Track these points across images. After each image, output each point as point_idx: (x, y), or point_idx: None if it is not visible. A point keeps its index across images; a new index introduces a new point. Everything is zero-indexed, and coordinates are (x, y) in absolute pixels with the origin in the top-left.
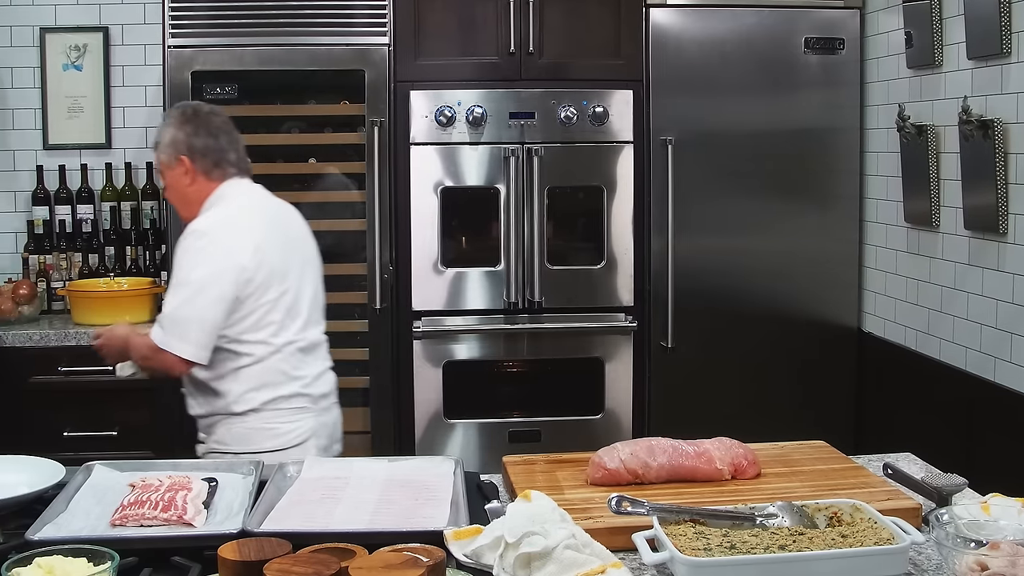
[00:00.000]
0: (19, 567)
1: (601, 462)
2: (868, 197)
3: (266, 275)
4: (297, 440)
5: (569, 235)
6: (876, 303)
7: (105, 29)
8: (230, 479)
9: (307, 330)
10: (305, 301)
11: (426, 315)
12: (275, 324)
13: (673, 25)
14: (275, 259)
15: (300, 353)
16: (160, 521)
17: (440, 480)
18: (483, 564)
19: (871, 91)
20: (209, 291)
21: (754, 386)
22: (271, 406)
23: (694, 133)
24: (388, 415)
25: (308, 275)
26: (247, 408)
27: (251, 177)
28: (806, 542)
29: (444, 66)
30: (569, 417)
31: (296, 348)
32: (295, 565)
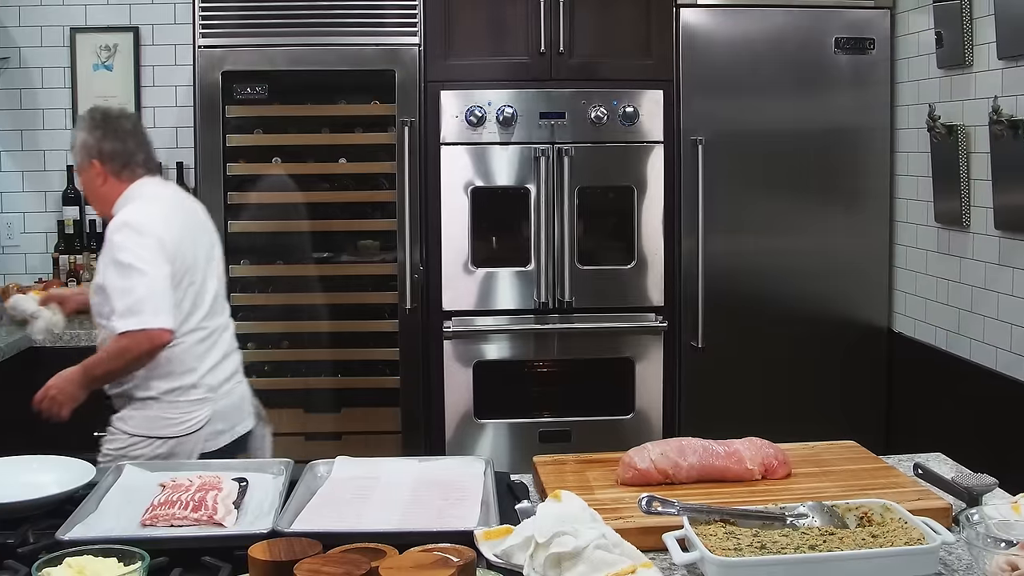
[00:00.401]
0: (49, 567)
1: (631, 462)
2: (898, 197)
3: (179, 267)
4: (193, 429)
5: (599, 235)
6: (906, 303)
7: (135, 29)
8: (260, 479)
9: (208, 319)
10: (209, 293)
11: (456, 315)
12: (183, 313)
13: (703, 25)
14: (187, 252)
15: (200, 344)
16: (190, 521)
17: (470, 480)
18: (513, 564)
19: (901, 91)
20: (160, 269)
21: (784, 386)
22: (170, 397)
23: (724, 133)
24: (418, 415)
25: (212, 268)
26: (147, 395)
27: (160, 174)
28: (836, 542)
29: (474, 66)
30: (599, 417)
31: (198, 339)
32: (325, 565)
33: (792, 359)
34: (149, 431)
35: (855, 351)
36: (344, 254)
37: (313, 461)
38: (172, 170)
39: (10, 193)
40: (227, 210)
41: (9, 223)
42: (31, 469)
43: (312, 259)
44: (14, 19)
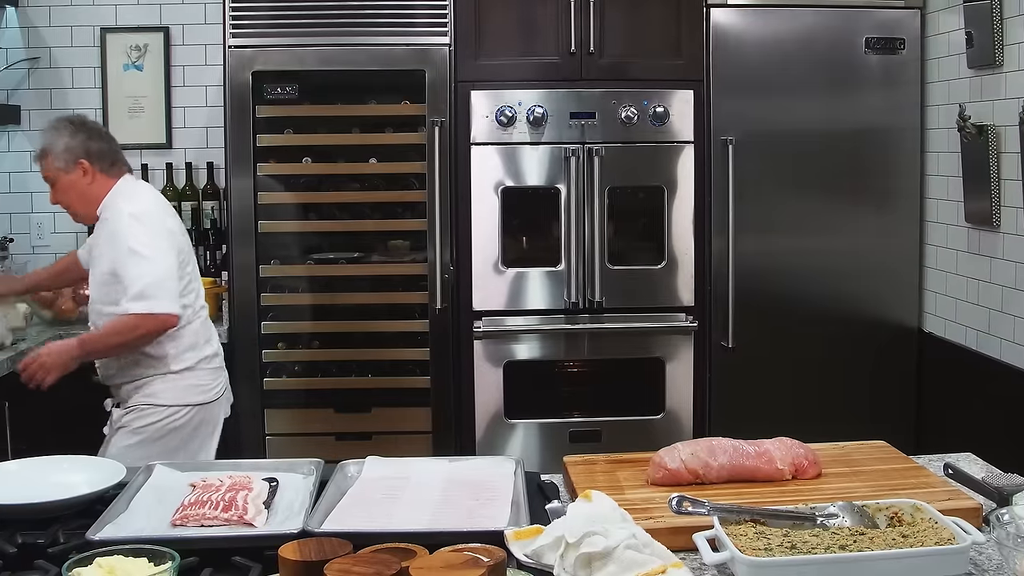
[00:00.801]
0: (80, 567)
1: (662, 462)
2: (928, 197)
3: (183, 254)
4: (218, 395)
5: (630, 235)
6: (937, 303)
7: (166, 29)
8: (291, 479)
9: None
10: (198, 278)
11: (487, 315)
12: (194, 292)
13: (734, 25)
14: (183, 240)
15: (207, 320)
16: (221, 521)
17: (501, 480)
18: (544, 564)
19: (932, 91)
20: (167, 255)
21: (814, 386)
22: (201, 365)
23: (755, 133)
24: (449, 415)
25: (192, 257)
26: (183, 367)
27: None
28: (867, 542)
29: (505, 66)
30: (629, 417)
31: (205, 314)
32: (356, 565)
33: (822, 359)
34: (185, 400)
35: (885, 351)
36: (374, 254)
37: (343, 461)
38: (203, 170)
39: (40, 193)
40: (257, 210)
41: (39, 223)
42: (61, 469)
43: (342, 259)
44: (45, 19)
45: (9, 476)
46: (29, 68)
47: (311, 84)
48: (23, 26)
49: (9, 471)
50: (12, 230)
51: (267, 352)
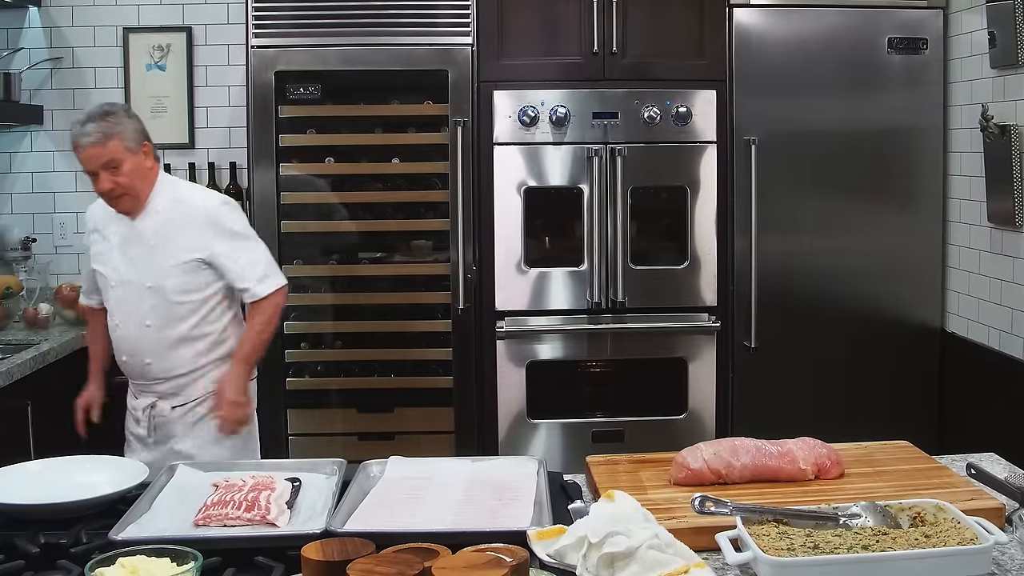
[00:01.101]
0: (102, 567)
1: (685, 462)
2: (951, 197)
3: None
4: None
5: (652, 235)
6: (959, 303)
7: (188, 29)
8: (313, 479)
9: None
10: None
11: (509, 315)
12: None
13: (756, 25)
14: None
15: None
16: (243, 521)
17: (523, 480)
18: (566, 564)
19: (954, 91)
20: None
21: (837, 386)
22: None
23: (777, 133)
24: (471, 415)
25: None
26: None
27: None
28: (889, 542)
29: (527, 66)
30: (652, 417)
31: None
32: (378, 565)
33: (845, 359)
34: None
35: (908, 351)
36: (397, 254)
37: (366, 461)
38: (225, 170)
39: (63, 193)
40: (280, 210)
41: (62, 223)
42: (84, 469)
43: (365, 259)
44: (67, 19)
45: (32, 476)
46: (52, 68)
47: (334, 84)
48: (46, 26)
49: (32, 471)
50: (35, 230)
51: (290, 352)
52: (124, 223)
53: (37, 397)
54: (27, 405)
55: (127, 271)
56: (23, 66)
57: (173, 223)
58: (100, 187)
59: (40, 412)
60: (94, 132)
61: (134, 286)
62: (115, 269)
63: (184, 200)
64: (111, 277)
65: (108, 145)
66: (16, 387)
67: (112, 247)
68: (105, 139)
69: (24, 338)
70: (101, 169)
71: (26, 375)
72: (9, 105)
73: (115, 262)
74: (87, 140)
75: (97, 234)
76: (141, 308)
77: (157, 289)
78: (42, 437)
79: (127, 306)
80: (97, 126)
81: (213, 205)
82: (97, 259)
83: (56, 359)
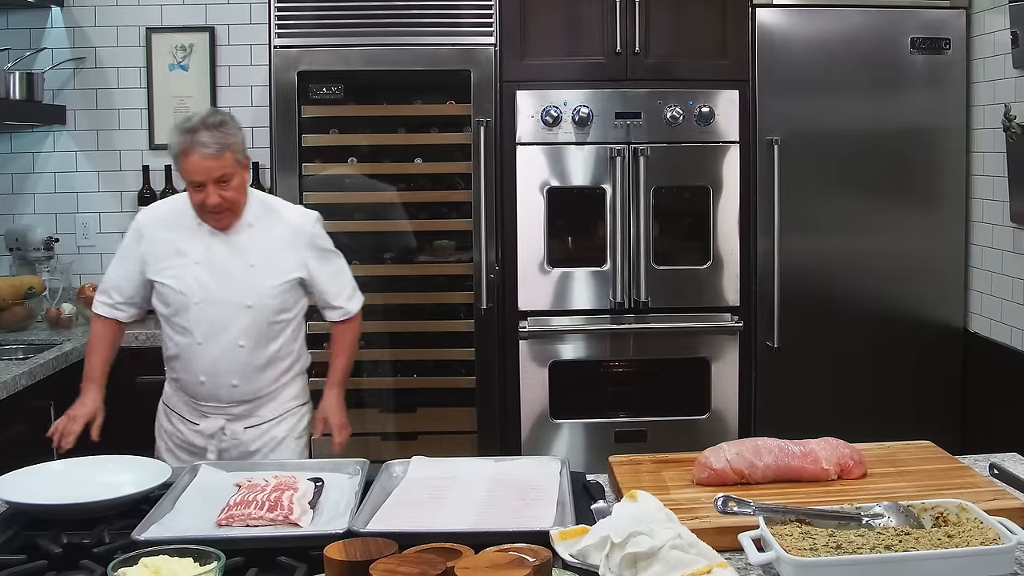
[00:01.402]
0: (125, 567)
1: (707, 462)
2: (974, 197)
3: None
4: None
5: (675, 235)
6: (982, 303)
7: (211, 29)
8: (336, 479)
9: None
10: None
11: (532, 315)
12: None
13: (779, 25)
14: None
15: None
16: (266, 521)
17: (546, 480)
18: (589, 564)
19: (977, 91)
20: None
21: (860, 386)
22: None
23: (800, 133)
24: (494, 415)
25: None
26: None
27: None
28: (912, 542)
29: (550, 66)
30: (675, 417)
31: None
32: (401, 565)
33: (868, 359)
34: (305, 396)
35: (931, 351)
36: (420, 254)
37: (389, 461)
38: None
39: (86, 193)
40: None
41: (85, 223)
42: (107, 469)
43: (388, 259)
44: (90, 19)
45: (55, 476)
46: (74, 68)
47: (356, 84)
48: (68, 26)
49: (55, 471)
50: (58, 230)
51: (313, 352)
52: (206, 237)
53: (60, 397)
54: (49, 405)
55: (218, 289)
56: (46, 66)
57: (272, 241)
58: (208, 200)
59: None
60: (211, 143)
61: (228, 305)
62: (201, 286)
63: (279, 216)
64: (193, 294)
65: (223, 157)
66: (39, 387)
67: (191, 262)
68: (221, 151)
69: (47, 338)
70: (212, 182)
71: (49, 375)
72: (32, 105)
73: (201, 278)
74: (204, 151)
75: (158, 245)
76: (234, 328)
77: (257, 309)
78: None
79: (216, 325)
80: (212, 136)
81: (310, 223)
82: (163, 273)
83: (79, 359)
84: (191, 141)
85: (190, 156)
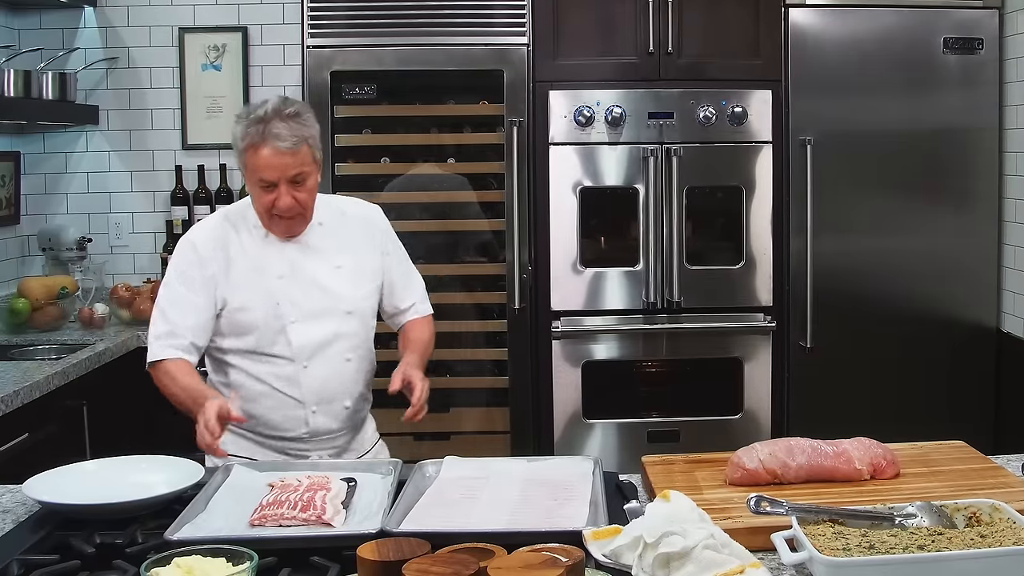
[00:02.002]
0: (158, 567)
1: (740, 462)
2: (1007, 197)
3: None
4: None
5: (708, 235)
6: (1015, 303)
7: (244, 29)
8: (369, 479)
9: None
10: None
11: (565, 315)
12: None
13: (812, 25)
14: None
15: None
16: (299, 521)
17: (579, 480)
18: (622, 564)
19: (1010, 91)
20: None
21: (892, 386)
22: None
23: (833, 133)
24: (527, 415)
25: None
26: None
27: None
28: (945, 542)
29: (583, 66)
30: (708, 417)
31: None
32: (434, 565)
33: (900, 359)
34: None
35: (964, 351)
36: (453, 254)
37: (422, 461)
38: None
39: (119, 193)
40: None
41: (118, 223)
42: (140, 469)
43: (420, 259)
44: (123, 19)
45: (87, 476)
46: (107, 68)
47: (389, 84)
48: (101, 26)
49: (87, 471)
50: (91, 230)
51: None
52: (278, 245)
53: (93, 397)
54: (83, 405)
55: (313, 300)
56: (79, 66)
57: (349, 238)
58: (279, 202)
59: (96, 412)
60: (287, 135)
61: (329, 316)
62: (294, 303)
63: (343, 211)
64: (289, 314)
65: (300, 152)
66: (72, 387)
67: (273, 277)
68: (298, 144)
69: (80, 338)
70: (285, 181)
71: (82, 375)
72: (65, 105)
73: (291, 294)
74: (279, 144)
75: (229, 266)
76: (339, 342)
77: (357, 314)
78: (98, 437)
79: (318, 343)
80: (288, 127)
81: (378, 214)
82: (245, 297)
83: (112, 359)
84: (263, 132)
85: (261, 150)
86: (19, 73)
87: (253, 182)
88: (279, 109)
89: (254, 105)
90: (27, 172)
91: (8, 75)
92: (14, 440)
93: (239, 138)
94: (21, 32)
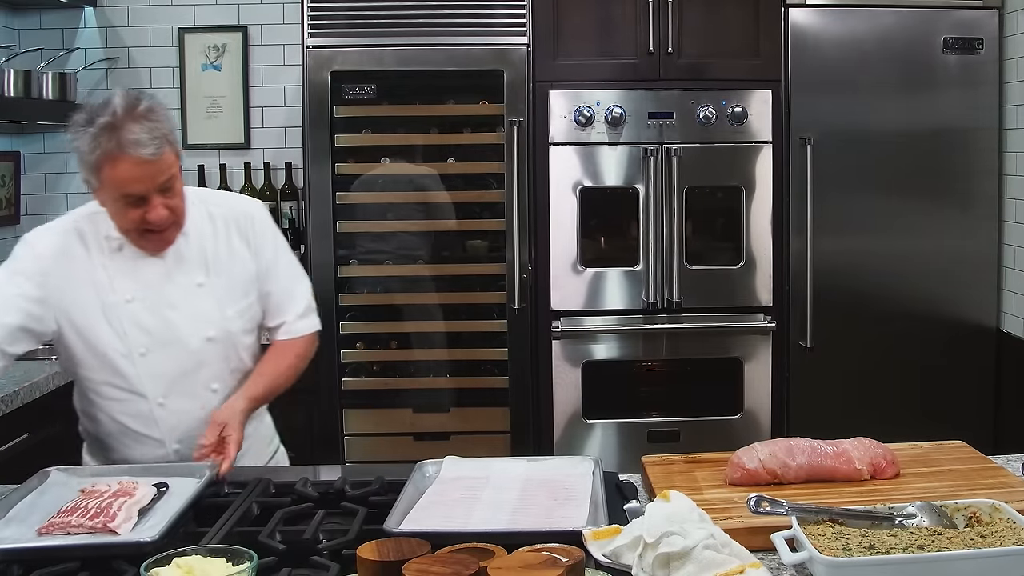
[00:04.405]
0: (158, 567)
1: (740, 462)
2: (1007, 197)
3: None
4: None
5: (708, 235)
6: (1015, 303)
7: (244, 29)
8: (183, 484)
9: None
10: None
11: (565, 315)
12: None
13: (812, 25)
14: None
15: None
16: (86, 529)
17: (579, 480)
18: (622, 564)
19: (1010, 91)
20: None
21: (893, 386)
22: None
23: (833, 133)
24: (527, 415)
25: None
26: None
27: None
28: (945, 542)
29: (583, 66)
30: (708, 417)
31: None
32: (434, 565)
33: (900, 359)
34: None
35: (963, 351)
36: (452, 254)
37: (422, 461)
38: (281, 170)
39: None
40: (335, 210)
41: None
42: None
43: (421, 259)
44: (123, 19)
45: None
46: (107, 68)
47: (389, 84)
48: (101, 26)
49: None
50: None
51: (346, 352)
52: (128, 263)
53: None
54: None
55: (167, 328)
56: (79, 66)
57: (214, 243)
58: (151, 216)
59: None
60: (147, 139)
61: (186, 345)
62: (147, 332)
63: (213, 211)
64: (138, 344)
65: (164, 156)
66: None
67: (120, 301)
68: (160, 148)
69: None
70: (155, 192)
71: None
72: (65, 105)
73: (144, 321)
74: (142, 152)
75: (70, 284)
76: (200, 371)
77: (222, 339)
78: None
79: (173, 376)
80: (145, 128)
81: (257, 208)
82: (84, 322)
83: None
84: (119, 141)
85: (120, 163)
86: (19, 73)
87: (114, 198)
88: (129, 108)
89: (94, 107)
90: (27, 172)
91: (8, 75)
92: (14, 440)
93: (86, 151)
94: (21, 32)
